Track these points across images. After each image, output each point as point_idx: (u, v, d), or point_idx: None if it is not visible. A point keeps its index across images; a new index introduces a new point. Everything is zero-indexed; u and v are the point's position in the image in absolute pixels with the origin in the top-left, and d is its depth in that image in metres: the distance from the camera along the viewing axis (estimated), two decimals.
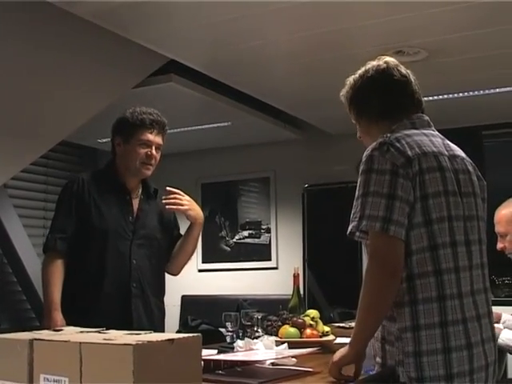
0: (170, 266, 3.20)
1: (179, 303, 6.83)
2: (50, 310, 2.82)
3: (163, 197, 3.07)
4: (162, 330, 3.11)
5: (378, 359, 1.90)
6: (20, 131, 4.13)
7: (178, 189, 3.12)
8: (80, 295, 2.90)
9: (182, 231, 3.24)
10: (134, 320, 2.87)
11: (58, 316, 2.81)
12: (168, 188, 3.06)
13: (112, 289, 2.90)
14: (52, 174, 6.54)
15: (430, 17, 3.54)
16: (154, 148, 3.01)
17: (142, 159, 3.00)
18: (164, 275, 3.17)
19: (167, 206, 3.04)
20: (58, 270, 2.90)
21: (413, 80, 2.10)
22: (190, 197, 3.14)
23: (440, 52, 4.08)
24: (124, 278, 2.93)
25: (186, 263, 3.23)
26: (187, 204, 3.06)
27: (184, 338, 1.41)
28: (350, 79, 2.15)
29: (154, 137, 3.01)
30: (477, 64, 4.28)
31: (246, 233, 6.83)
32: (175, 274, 3.26)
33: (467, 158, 2.07)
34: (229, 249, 6.91)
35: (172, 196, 3.05)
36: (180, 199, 3.05)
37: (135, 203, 3.06)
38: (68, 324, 2.70)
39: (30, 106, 4.14)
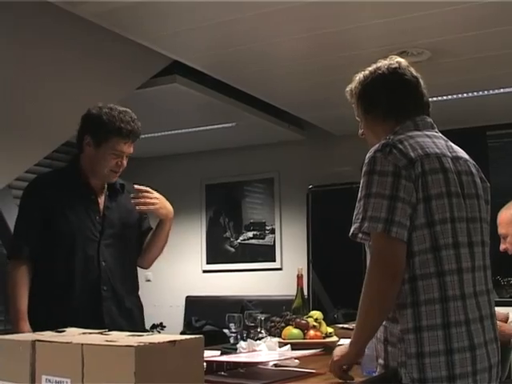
0: (141, 260, 3.08)
1: (183, 304, 6.84)
2: (17, 320, 2.72)
3: (132, 195, 2.92)
4: (143, 326, 3.06)
5: (381, 360, 1.90)
6: (24, 132, 4.14)
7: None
8: (49, 301, 2.77)
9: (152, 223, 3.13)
10: (107, 324, 2.70)
11: (25, 326, 2.70)
12: (136, 186, 2.91)
13: (82, 294, 2.78)
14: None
15: (434, 17, 3.54)
16: (124, 157, 2.87)
17: (112, 167, 2.84)
18: (136, 270, 3.06)
19: (137, 207, 2.90)
20: (24, 276, 2.77)
21: (422, 83, 2.10)
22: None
23: (444, 52, 4.07)
24: (93, 281, 2.81)
25: (157, 257, 3.12)
26: (157, 202, 2.92)
27: (186, 339, 1.41)
28: (360, 75, 2.14)
29: (127, 147, 2.85)
30: (481, 64, 4.28)
31: (250, 234, 6.83)
32: (146, 268, 3.14)
33: (470, 160, 2.07)
34: (233, 250, 6.91)
35: (141, 195, 2.90)
36: (149, 197, 2.91)
37: (101, 201, 2.91)
38: (37, 330, 2.65)
39: (34, 107, 4.15)
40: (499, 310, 2.75)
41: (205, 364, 1.96)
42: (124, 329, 1.92)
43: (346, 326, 3.50)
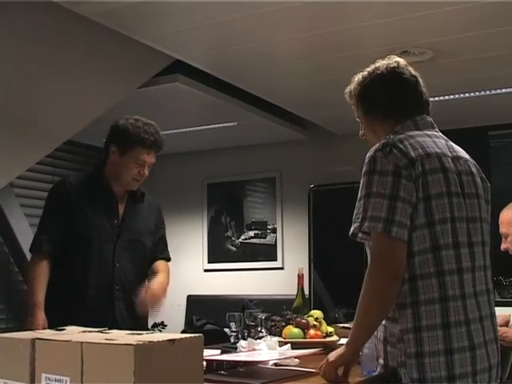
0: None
1: (185, 303, 6.84)
2: (34, 309, 2.88)
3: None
4: (146, 326, 3.24)
5: (381, 360, 1.90)
6: (26, 130, 4.15)
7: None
8: (64, 297, 2.95)
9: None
10: (120, 322, 2.91)
11: (41, 315, 2.87)
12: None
13: (95, 291, 2.95)
14: (58, 173, 6.53)
15: (436, 17, 3.54)
16: (146, 167, 3.06)
17: (134, 176, 3.03)
18: (147, 276, 3.20)
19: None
20: (43, 270, 2.95)
21: (421, 82, 2.10)
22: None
23: (445, 52, 4.07)
24: (107, 280, 2.98)
25: None
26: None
27: (185, 338, 1.41)
28: (359, 76, 2.14)
29: (150, 158, 3.05)
30: (482, 64, 4.27)
31: (251, 233, 6.84)
32: None
33: (471, 160, 2.06)
34: (235, 249, 6.91)
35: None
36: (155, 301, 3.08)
37: (121, 207, 3.09)
38: (52, 325, 2.75)
39: (37, 106, 4.16)
40: (500, 311, 2.76)
41: (205, 363, 1.97)
42: (131, 329, 1.98)
43: (346, 325, 3.50)
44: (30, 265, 3.03)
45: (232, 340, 2.84)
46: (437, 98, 4.80)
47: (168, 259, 3.33)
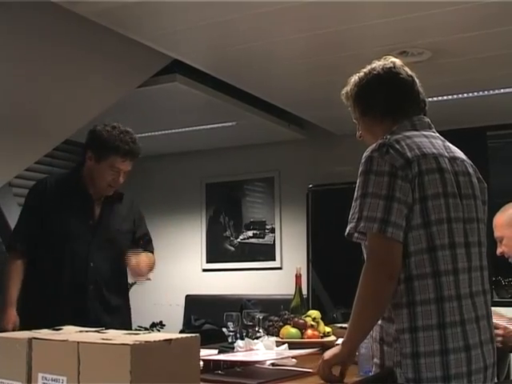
0: None
1: (183, 303, 6.84)
2: (6, 307, 2.97)
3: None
4: (130, 326, 3.27)
5: (376, 360, 1.90)
6: (24, 130, 4.15)
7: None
8: (38, 296, 3.01)
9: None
10: (92, 320, 2.88)
11: (12, 312, 2.96)
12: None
13: (69, 291, 3.00)
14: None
15: (434, 17, 3.54)
16: (122, 174, 3.10)
17: (109, 182, 3.09)
18: (126, 275, 3.26)
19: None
20: (18, 269, 3.03)
21: (418, 81, 2.11)
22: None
23: (444, 52, 4.07)
24: (81, 280, 3.03)
25: None
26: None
27: (182, 338, 1.41)
28: (355, 77, 2.15)
29: (125, 165, 3.09)
30: (481, 64, 4.27)
31: (250, 233, 6.83)
32: None
33: (468, 160, 2.06)
34: (233, 249, 6.91)
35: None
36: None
37: (97, 208, 3.15)
38: (25, 323, 2.85)
39: (35, 105, 4.15)
40: (499, 311, 2.75)
41: (202, 363, 1.97)
42: (110, 324, 2.07)
43: (344, 325, 3.50)
44: (6, 263, 3.09)
45: (230, 340, 2.84)
46: (435, 99, 4.81)
47: (151, 252, 3.35)
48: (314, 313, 3.00)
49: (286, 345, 2.59)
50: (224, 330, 2.95)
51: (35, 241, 3.05)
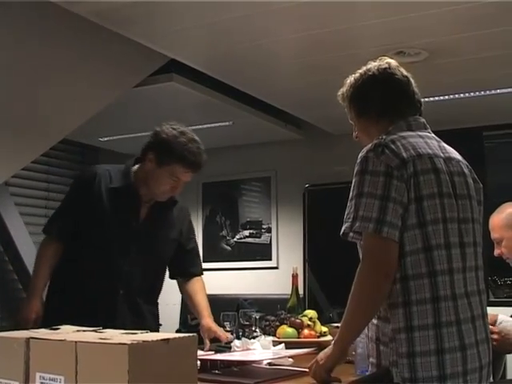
0: (181, 283, 3.21)
1: (179, 302, 6.83)
2: (31, 296, 2.81)
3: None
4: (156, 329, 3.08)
5: (373, 360, 1.91)
6: (21, 129, 4.14)
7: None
8: (65, 290, 2.85)
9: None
10: (118, 326, 2.71)
11: (36, 303, 2.78)
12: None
13: (98, 291, 2.81)
14: (53, 172, 6.55)
15: (431, 17, 3.54)
16: (180, 184, 2.90)
17: (165, 190, 2.88)
18: (161, 283, 3.10)
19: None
20: (49, 253, 2.87)
21: (413, 82, 2.11)
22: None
23: (441, 53, 4.07)
24: (112, 282, 2.86)
25: None
26: None
27: (179, 338, 1.42)
28: (350, 78, 2.16)
29: (186, 176, 2.90)
30: (478, 65, 4.28)
31: (246, 232, 6.83)
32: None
33: (463, 161, 2.07)
34: (229, 248, 6.91)
35: None
36: None
37: (144, 209, 2.94)
38: (47, 317, 2.73)
39: (31, 104, 4.15)
40: (495, 311, 2.76)
41: (199, 362, 1.97)
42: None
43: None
44: (40, 245, 2.94)
45: (222, 341, 2.84)
46: (432, 99, 4.81)
47: (201, 273, 3.25)
48: (311, 312, 3.00)
49: (283, 344, 2.60)
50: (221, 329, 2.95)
51: (74, 230, 2.86)
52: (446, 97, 4.96)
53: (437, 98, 4.92)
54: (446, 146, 2.06)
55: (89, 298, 2.78)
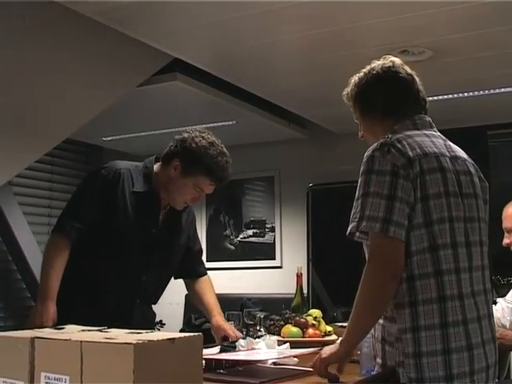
0: (189, 283, 3.19)
1: (183, 301, 6.83)
2: (45, 298, 2.60)
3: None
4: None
5: (379, 360, 1.90)
6: (25, 129, 4.15)
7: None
8: (81, 294, 2.71)
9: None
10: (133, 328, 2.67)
11: (52, 306, 2.59)
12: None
13: (115, 299, 2.73)
14: (57, 171, 6.56)
15: (435, 16, 3.54)
16: (202, 196, 2.84)
17: (186, 200, 2.81)
18: (167, 285, 3.07)
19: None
20: (63, 256, 2.65)
21: (417, 80, 2.11)
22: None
23: (445, 52, 4.06)
24: (131, 292, 2.79)
25: None
26: None
27: (185, 337, 1.41)
28: (355, 77, 2.15)
29: (210, 189, 2.81)
30: (482, 64, 4.27)
31: (250, 232, 6.83)
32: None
33: (469, 159, 2.07)
34: (233, 247, 6.91)
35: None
36: None
37: (162, 214, 2.86)
38: (64, 318, 2.51)
39: (35, 105, 4.15)
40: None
41: (204, 362, 1.97)
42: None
43: (345, 324, 3.49)
44: (49, 244, 2.71)
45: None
46: (436, 98, 4.80)
47: (206, 273, 3.19)
48: (315, 312, 3.00)
49: (288, 344, 2.59)
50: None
51: (89, 233, 2.69)
52: (451, 96, 4.95)
53: (441, 97, 4.91)
54: (452, 144, 2.05)
55: (105, 307, 2.68)
